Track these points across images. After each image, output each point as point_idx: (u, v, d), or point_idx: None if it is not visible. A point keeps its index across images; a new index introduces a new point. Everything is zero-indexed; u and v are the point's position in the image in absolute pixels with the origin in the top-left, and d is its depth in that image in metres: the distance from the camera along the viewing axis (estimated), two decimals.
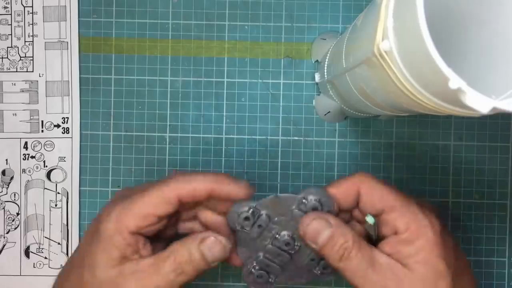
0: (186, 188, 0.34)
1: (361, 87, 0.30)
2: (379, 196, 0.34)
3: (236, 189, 0.34)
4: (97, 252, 0.33)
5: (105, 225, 0.34)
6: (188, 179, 0.34)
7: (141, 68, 0.44)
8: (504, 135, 0.44)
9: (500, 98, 0.23)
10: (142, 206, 0.34)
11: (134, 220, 0.33)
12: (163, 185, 0.34)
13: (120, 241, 0.33)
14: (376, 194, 0.34)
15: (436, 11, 0.25)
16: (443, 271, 0.32)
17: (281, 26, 0.44)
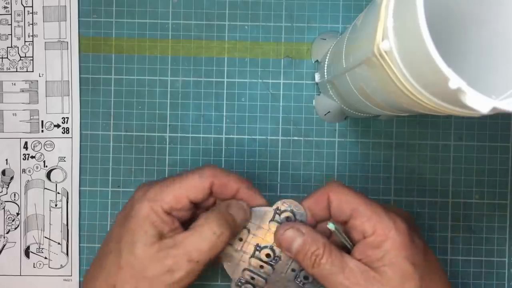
0: (221, 179, 0.36)
1: (361, 87, 0.30)
2: (346, 202, 0.35)
3: (259, 200, 0.37)
4: (134, 232, 0.35)
5: (141, 205, 0.35)
6: (224, 173, 0.37)
7: (141, 68, 0.44)
8: (504, 135, 0.44)
9: (500, 98, 0.23)
10: (178, 189, 0.36)
11: (170, 200, 0.35)
12: (199, 172, 0.36)
13: (156, 219, 0.35)
14: (343, 200, 0.35)
15: (436, 11, 0.25)
16: (410, 272, 0.33)
17: (281, 26, 0.44)
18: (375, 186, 0.44)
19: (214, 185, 0.36)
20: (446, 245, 0.44)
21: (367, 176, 0.44)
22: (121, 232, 0.35)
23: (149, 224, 0.35)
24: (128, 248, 0.34)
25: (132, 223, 0.35)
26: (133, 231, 0.35)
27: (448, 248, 0.44)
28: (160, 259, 0.34)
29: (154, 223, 0.35)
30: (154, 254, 0.34)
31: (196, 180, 0.36)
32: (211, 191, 0.36)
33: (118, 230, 0.36)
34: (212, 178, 0.36)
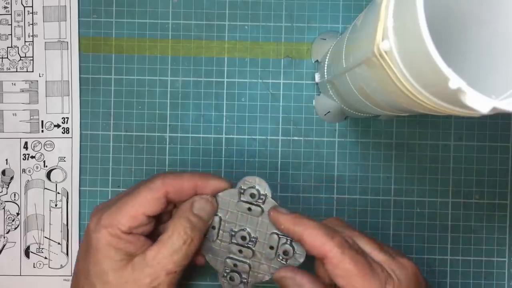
0: (174, 185, 0.35)
1: (361, 87, 0.30)
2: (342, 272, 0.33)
3: (219, 183, 0.37)
4: (100, 261, 0.34)
5: (98, 234, 0.34)
6: (175, 177, 0.36)
7: (141, 68, 0.44)
8: (504, 135, 0.44)
9: (500, 98, 0.23)
10: (131, 207, 0.35)
11: (126, 221, 0.34)
12: (149, 184, 0.35)
13: (118, 242, 0.34)
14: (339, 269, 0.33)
15: (436, 11, 0.25)
16: None
17: (281, 26, 0.44)
18: (375, 186, 0.44)
19: (169, 193, 0.35)
20: (446, 245, 0.44)
21: (367, 176, 0.44)
22: (86, 266, 0.35)
23: (113, 250, 0.34)
24: (100, 279, 0.34)
25: (95, 254, 0.34)
26: (99, 261, 0.34)
27: (448, 248, 0.44)
28: (137, 279, 0.33)
29: (117, 247, 0.34)
30: (129, 275, 0.34)
31: (148, 194, 0.35)
32: (168, 199, 0.36)
33: (83, 264, 0.35)
34: (164, 188, 0.35)
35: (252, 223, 0.37)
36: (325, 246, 0.33)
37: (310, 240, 0.34)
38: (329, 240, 0.33)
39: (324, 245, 0.33)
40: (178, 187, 0.35)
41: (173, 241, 0.34)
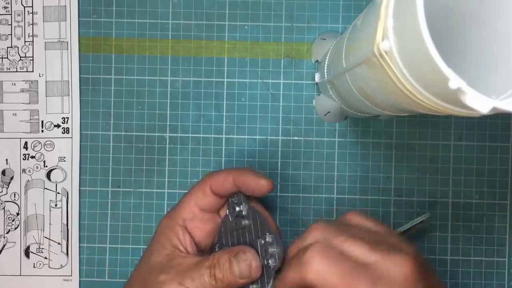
0: (214, 178, 0.38)
1: (361, 87, 0.30)
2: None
3: (255, 181, 0.37)
4: (153, 243, 0.38)
5: (161, 221, 0.39)
6: (216, 172, 0.39)
7: (141, 68, 0.44)
8: (504, 135, 0.44)
9: (500, 98, 0.23)
10: (186, 201, 0.38)
11: (182, 213, 0.38)
12: (199, 181, 0.39)
13: (171, 234, 0.38)
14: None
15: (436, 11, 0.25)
16: None
17: (281, 26, 0.44)
18: (375, 186, 0.44)
19: (212, 186, 0.38)
20: (446, 245, 0.44)
21: (367, 176, 0.44)
22: (150, 244, 0.39)
23: (165, 239, 0.38)
24: (147, 256, 0.38)
25: (153, 239, 0.38)
26: (152, 244, 0.38)
27: (448, 248, 0.44)
28: (164, 269, 0.36)
29: (169, 238, 0.37)
30: (163, 263, 0.37)
31: (197, 189, 0.39)
32: (214, 192, 0.38)
33: (151, 243, 0.39)
34: (208, 182, 0.38)
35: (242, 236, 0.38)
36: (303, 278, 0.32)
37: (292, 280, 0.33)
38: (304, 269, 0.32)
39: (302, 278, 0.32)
40: (219, 181, 0.38)
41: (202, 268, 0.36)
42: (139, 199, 0.44)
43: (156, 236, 0.38)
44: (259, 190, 0.37)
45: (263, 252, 0.36)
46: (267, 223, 0.37)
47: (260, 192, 0.37)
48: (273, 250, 0.36)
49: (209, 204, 0.38)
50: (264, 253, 0.36)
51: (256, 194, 0.38)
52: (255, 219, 0.37)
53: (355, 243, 0.33)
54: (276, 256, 0.35)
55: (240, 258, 0.35)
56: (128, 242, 0.45)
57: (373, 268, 0.32)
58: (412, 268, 0.32)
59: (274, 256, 0.36)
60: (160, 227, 0.39)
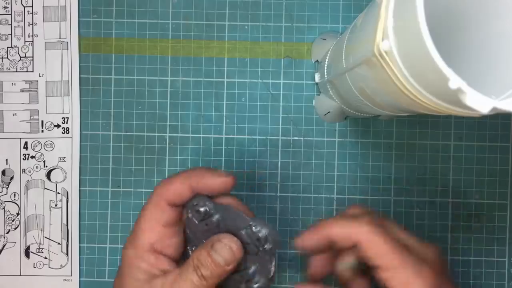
0: (169, 192, 0.35)
1: (361, 87, 0.30)
2: (377, 253, 0.34)
3: (216, 181, 0.35)
4: (124, 279, 0.35)
5: (125, 251, 0.35)
6: (167, 184, 0.35)
7: (141, 68, 0.44)
8: (504, 135, 0.44)
9: (500, 98, 0.23)
10: (146, 224, 0.35)
11: (146, 238, 0.35)
12: (152, 197, 0.35)
13: (141, 264, 0.35)
14: (374, 250, 0.34)
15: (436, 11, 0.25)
16: None
17: (281, 26, 0.44)
18: (375, 186, 0.44)
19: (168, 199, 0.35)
20: (446, 245, 0.44)
21: (367, 176, 0.44)
22: (117, 282, 0.36)
23: (136, 268, 0.35)
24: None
25: (122, 269, 0.35)
26: (123, 276, 0.35)
27: (448, 248, 0.44)
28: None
29: (139, 266, 0.35)
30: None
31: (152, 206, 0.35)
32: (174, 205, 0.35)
33: (116, 281, 0.36)
34: (162, 195, 0.35)
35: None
36: (353, 233, 0.34)
37: (338, 233, 0.34)
38: (355, 226, 0.34)
39: (352, 233, 0.34)
40: (175, 192, 0.35)
41: (187, 272, 0.34)
42: (139, 199, 0.44)
43: (125, 269, 0.35)
44: (221, 189, 0.35)
45: (254, 240, 0.35)
46: (241, 212, 0.36)
47: (223, 190, 0.35)
48: (264, 233, 0.35)
49: (171, 218, 0.35)
50: (256, 241, 0.35)
51: (218, 193, 0.36)
52: (226, 213, 0.36)
53: (394, 225, 0.36)
54: (269, 239, 0.35)
55: (218, 247, 0.34)
56: None
57: (415, 249, 0.35)
58: (440, 251, 0.36)
59: (266, 239, 0.35)
60: (126, 259, 0.35)
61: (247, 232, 0.35)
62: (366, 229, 0.34)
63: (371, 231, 0.34)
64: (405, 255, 0.34)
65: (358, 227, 0.34)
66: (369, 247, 0.34)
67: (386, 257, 0.33)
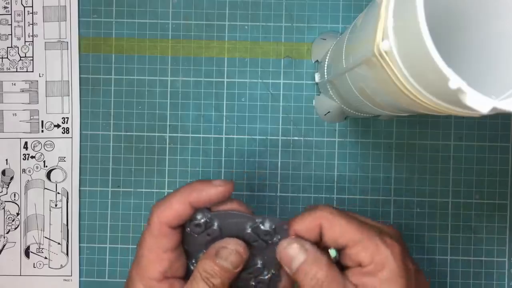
0: (168, 216, 0.34)
1: (361, 87, 0.30)
2: (340, 232, 0.34)
3: (213, 192, 0.34)
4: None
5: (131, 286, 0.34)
6: (164, 206, 0.34)
7: (141, 68, 0.44)
8: (504, 135, 0.44)
9: (500, 98, 0.23)
10: (153, 253, 0.34)
11: (155, 269, 0.34)
12: (151, 225, 0.34)
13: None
14: (337, 230, 0.34)
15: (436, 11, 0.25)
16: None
17: (281, 26, 0.44)
18: (375, 186, 0.44)
19: (169, 224, 0.34)
20: (446, 245, 0.44)
21: (367, 176, 0.44)
22: None
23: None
24: None
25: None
26: None
27: (448, 248, 0.44)
28: None
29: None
30: None
31: (155, 235, 0.34)
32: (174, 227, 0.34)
33: None
34: (161, 222, 0.34)
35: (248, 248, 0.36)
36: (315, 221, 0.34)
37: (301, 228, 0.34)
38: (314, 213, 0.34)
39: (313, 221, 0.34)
40: (174, 215, 0.34)
41: (197, 285, 0.33)
42: (139, 199, 0.44)
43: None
44: (219, 200, 0.34)
45: (262, 235, 0.35)
46: (242, 213, 0.35)
47: (222, 200, 0.34)
48: (273, 226, 0.35)
49: (175, 241, 0.34)
50: (264, 236, 0.35)
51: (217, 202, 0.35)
52: (227, 218, 0.35)
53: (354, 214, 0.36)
54: (277, 230, 0.35)
55: (224, 254, 0.34)
56: (128, 242, 0.45)
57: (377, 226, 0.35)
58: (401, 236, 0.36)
59: (275, 231, 0.35)
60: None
61: (253, 230, 0.35)
62: (325, 213, 0.34)
63: (331, 212, 0.34)
64: (368, 228, 0.34)
65: (318, 213, 0.34)
66: (332, 228, 0.34)
67: (350, 232, 0.33)
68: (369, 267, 0.33)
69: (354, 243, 0.33)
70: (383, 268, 0.33)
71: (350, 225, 0.34)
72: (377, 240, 0.33)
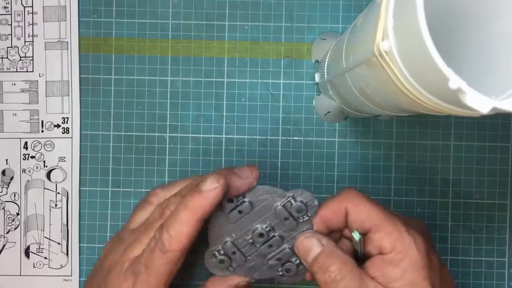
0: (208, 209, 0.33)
1: (361, 87, 0.30)
2: (365, 215, 0.34)
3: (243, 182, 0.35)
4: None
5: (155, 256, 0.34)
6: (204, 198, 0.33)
7: (141, 68, 0.44)
8: (504, 135, 0.44)
9: (500, 98, 0.23)
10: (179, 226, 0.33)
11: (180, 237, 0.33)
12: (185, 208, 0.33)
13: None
14: (362, 213, 0.34)
15: (436, 11, 0.25)
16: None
17: (281, 26, 0.44)
18: (375, 186, 0.44)
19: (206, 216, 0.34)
20: (446, 245, 0.44)
21: (367, 176, 0.44)
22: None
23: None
24: None
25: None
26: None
27: (448, 248, 0.44)
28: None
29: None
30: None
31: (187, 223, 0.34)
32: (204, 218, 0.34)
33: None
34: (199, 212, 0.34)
35: (278, 228, 0.36)
36: (341, 205, 0.34)
37: (327, 213, 0.35)
38: (340, 197, 0.34)
39: (339, 205, 0.34)
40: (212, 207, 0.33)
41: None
42: (139, 199, 0.44)
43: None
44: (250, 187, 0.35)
45: (292, 211, 0.35)
46: (273, 188, 0.35)
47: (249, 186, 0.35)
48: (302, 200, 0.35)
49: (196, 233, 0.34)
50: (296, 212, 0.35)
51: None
52: (257, 194, 0.35)
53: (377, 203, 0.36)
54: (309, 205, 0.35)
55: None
56: None
57: (402, 216, 0.35)
58: (426, 227, 0.36)
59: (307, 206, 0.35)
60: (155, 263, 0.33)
61: (285, 205, 0.35)
62: (351, 195, 0.34)
63: (357, 194, 0.34)
64: (393, 216, 0.34)
65: (344, 195, 0.35)
66: (358, 210, 0.34)
67: (374, 216, 0.33)
68: (391, 255, 0.32)
69: (377, 228, 0.33)
70: (404, 257, 0.32)
71: (375, 209, 0.34)
72: (401, 227, 0.33)
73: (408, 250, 0.32)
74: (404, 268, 0.32)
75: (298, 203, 0.35)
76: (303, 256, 0.35)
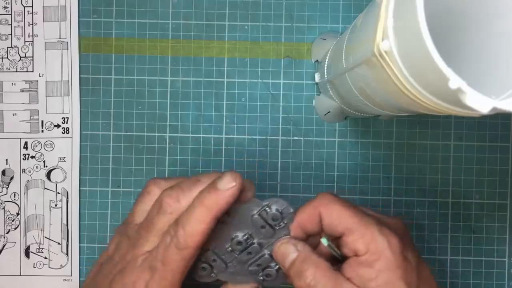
0: (222, 208, 0.34)
1: (361, 87, 0.30)
2: (337, 218, 0.34)
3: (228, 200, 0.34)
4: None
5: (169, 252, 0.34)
6: (220, 197, 0.33)
7: (141, 68, 0.44)
8: (504, 135, 0.44)
9: (500, 98, 0.23)
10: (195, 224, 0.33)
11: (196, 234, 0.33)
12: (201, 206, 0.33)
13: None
14: (334, 217, 0.34)
15: (436, 11, 0.25)
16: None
17: (281, 26, 0.44)
18: (375, 186, 0.44)
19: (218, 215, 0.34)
20: (446, 245, 0.44)
21: (367, 176, 0.44)
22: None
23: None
24: None
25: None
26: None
27: (448, 248, 0.44)
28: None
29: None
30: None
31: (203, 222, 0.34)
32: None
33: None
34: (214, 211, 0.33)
35: (256, 235, 0.36)
36: (314, 209, 0.34)
37: (303, 218, 0.35)
38: (314, 202, 0.35)
39: (313, 209, 0.34)
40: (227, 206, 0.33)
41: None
42: None
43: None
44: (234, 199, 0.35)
45: (268, 219, 0.35)
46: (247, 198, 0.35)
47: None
48: (277, 208, 0.35)
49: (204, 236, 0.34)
50: (272, 220, 0.35)
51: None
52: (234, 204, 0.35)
53: (357, 205, 0.36)
54: (285, 213, 0.35)
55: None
56: None
57: (376, 216, 0.35)
58: (403, 223, 0.36)
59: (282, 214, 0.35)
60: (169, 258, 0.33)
61: (260, 214, 0.35)
62: (324, 200, 0.34)
63: (329, 199, 0.34)
64: (366, 217, 0.34)
65: (317, 200, 0.35)
66: (330, 215, 0.34)
67: (346, 219, 0.33)
68: (365, 257, 0.33)
69: (350, 231, 0.33)
70: (379, 258, 0.32)
71: (347, 212, 0.34)
72: (374, 228, 0.33)
73: (382, 251, 0.32)
74: (379, 268, 0.32)
75: (273, 212, 0.35)
76: (281, 262, 0.35)
